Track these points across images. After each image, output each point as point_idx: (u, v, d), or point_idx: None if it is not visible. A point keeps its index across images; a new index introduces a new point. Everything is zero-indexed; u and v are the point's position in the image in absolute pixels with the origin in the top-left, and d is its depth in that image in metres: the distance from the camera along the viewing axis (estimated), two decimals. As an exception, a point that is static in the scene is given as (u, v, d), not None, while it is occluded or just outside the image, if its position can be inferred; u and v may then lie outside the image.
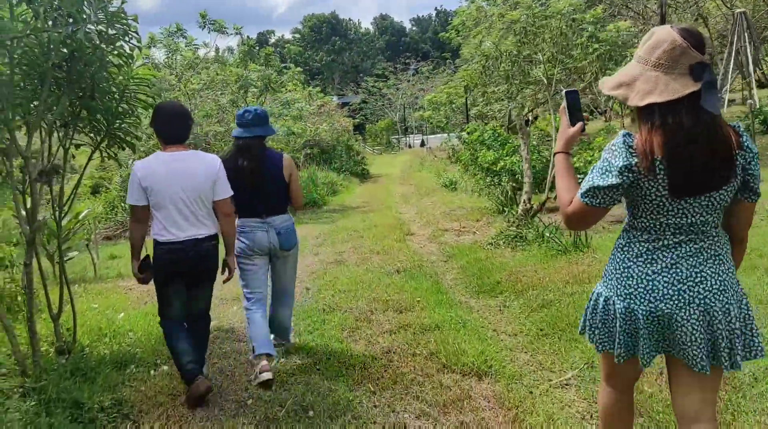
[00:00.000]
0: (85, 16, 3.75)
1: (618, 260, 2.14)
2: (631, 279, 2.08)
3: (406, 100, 46.21)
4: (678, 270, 2.02)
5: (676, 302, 2.01)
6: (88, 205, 17.71)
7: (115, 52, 4.34)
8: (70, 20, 3.71)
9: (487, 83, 8.39)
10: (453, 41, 23.95)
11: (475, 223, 9.81)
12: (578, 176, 2.16)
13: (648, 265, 2.05)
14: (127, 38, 4.25)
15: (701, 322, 2.01)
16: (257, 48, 15.70)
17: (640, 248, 2.07)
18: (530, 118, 23.02)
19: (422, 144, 40.78)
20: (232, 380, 4.03)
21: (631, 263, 2.09)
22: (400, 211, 13.64)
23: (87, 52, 4.05)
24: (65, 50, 3.91)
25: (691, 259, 2.02)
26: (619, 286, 2.11)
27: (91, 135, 4.79)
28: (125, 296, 6.84)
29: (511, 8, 13.88)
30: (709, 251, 2.03)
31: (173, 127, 3.76)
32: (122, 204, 16.70)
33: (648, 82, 1.94)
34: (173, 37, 13.87)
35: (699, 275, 2.01)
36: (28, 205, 4.19)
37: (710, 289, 2.02)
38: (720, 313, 2.02)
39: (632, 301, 2.07)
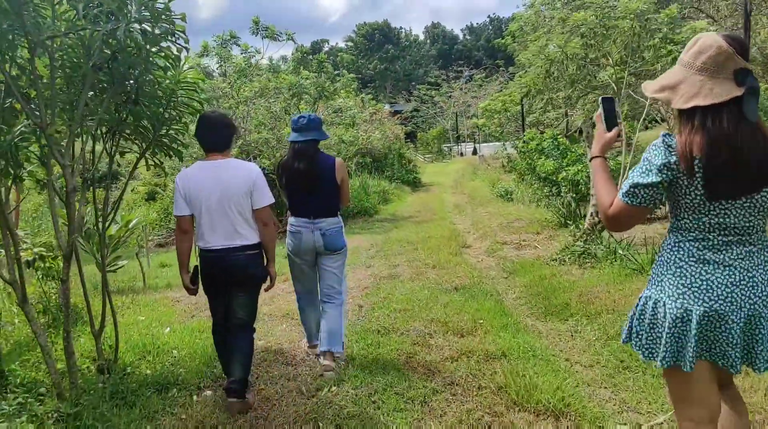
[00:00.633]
0: (127, 13, 3.48)
1: (668, 261, 2.13)
2: (684, 278, 2.06)
3: (458, 108, 45.65)
4: (731, 271, 2.02)
5: (730, 303, 2.01)
6: (142, 212, 17.93)
7: (162, 54, 4.08)
8: (112, 18, 3.45)
9: (550, 88, 7.88)
10: (509, 47, 23.45)
11: (536, 236, 9.28)
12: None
13: (701, 265, 2.05)
14: (173, 38, 3.98)
15: (745, 327, 2.03)
16: (310, 55, 15.53)
17: (690, 247, 2.07)
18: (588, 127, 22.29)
19: (474, 152, 40.13)
20: (279, 410, 3.67)
21: (683, 263, 2.08)
22: (454, 222, 13.17)
23: (131, 52, 3.80)
24: (107, 51, 3.65)
25: (743, 262, 2.02)
26: (671, 287, 2.09)
27: (138, 142, 4.57)
28: (172, 309, 6.61)
29: (573, 10, 13.28)
30: (759, 256, 2.05)
31: (213, 136, 3.76)
32: (175, 211, 16.78)
33: (693, 86, 1.98)
34: (226, 45, 13.77)
35: (751, 280, 2.02)
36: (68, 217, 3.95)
37: (760, 295, 2.02)
38: (765, 319, 2.03)
39: (686, 301, 2.05)
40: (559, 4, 16.12)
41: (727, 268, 2.02)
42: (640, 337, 2.20)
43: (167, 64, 4.07)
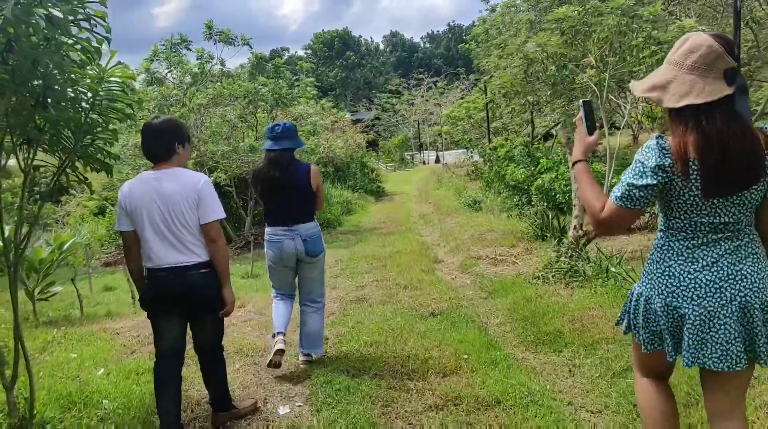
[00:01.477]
0: (20, -10, 2.74)
1: (658, 259, 2.16)
2: (672, 277, 2.10)
3: (420, 116, 45.27)
4: (719, 267, 2.05)
5: (718, 300, 2.04)
6: (90, 228, 16.85)
7: (78, 47, 3.33)
8: (-1, -5, 2.70)
9: (528, 90, 7.28)
10: (472, 53, 23.03)
11: (512, 249, 8.68)
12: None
13: (689, 264, 2.08)
14: (90, 26, 3.24)
15: (741, 320, 2.04)
16: (267, 62, 14.73)
17: (680, 246, 2.10)
18: (554, 132, 22.00)
19: (437, 160, 39.75)
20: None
21: (672, 262, 2.11)
22: (421, 234, 12.53)
23: (36, 43, 3.05)
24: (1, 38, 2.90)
25: (731, 257, 2.05)
26: (660, 285, 2.12)
27: (59, 154, 3.79)
28: (111, 343, 5.79)
29: (542, 12, 12.77)
30: (746, 249, 2.07)
31: (154, 144, 3.43)
32: (125, 226, 15.77)
33: (684, 85, 1.99)
34: (176, 49, 12.91)
35: (739, 273, 2.04)
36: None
37: (750, 286, 2.04)
38: (758, 309, 2.04)
39: (674, 299, 2.09)
40: (525, 7, 15.73)
41: (715, 265, 2.05)
42: (638, 330, 2.24)
43: (83, 58, 3.32)
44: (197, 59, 13.82)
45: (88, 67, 3.52)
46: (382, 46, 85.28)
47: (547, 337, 4.80)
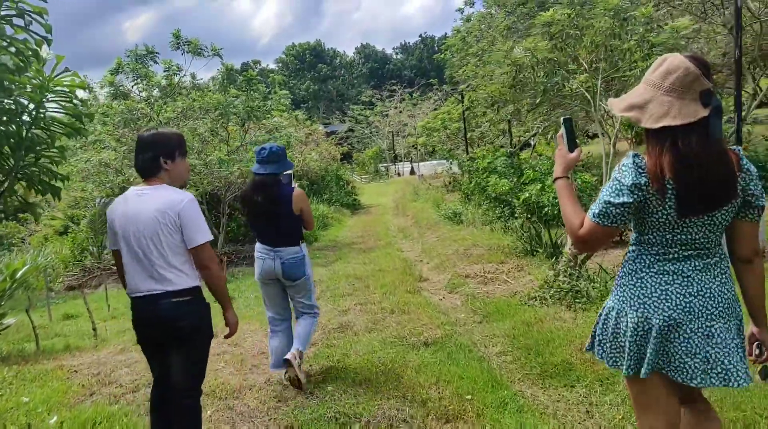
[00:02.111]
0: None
1: (629, 271, 2.20)
2: (644, 288, 2.13)
3: (393, 128, 44.97)
4: (689, 282, 2.10)
5: (687, 313, 2.08)
6: (54, 249, 16.05)
7: (13, 49, 2.80)
8: None
9: (516, 99, 6.86)
10: (447, 62, 22.70)
11: (501, 266, 8.24)
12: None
13: (660, 276, 2.12)
14: (25, 25, 2.72)
15: (704, 337, 2.09)
16: (238, 73, 14.18)
17: (651, 259, 2.14)
18: (532, 141, 21.75)
19: (412, 171, 39.43)
20: None
21: (644, 274, 2.15)
22: (401, 249, 12.06)
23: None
24: None
25: (701, 274, 2.10)
26: (632, 297, 2.15)
27: (-2, 175, 3.25)
28: (67, 383, 5.19)
29: (520, 18, 12.40)
30: (716, 269, 2.13)
31: (138, 159, 3.12)
32: (91, 247, 15.00)
33: (662, 106, 2.04)
34: (142, 61, 12.31)
35: (708, 291, 2.10)
36: None
37: (716, 306, 2.10)
38: (721, 331, 2.10)
39: (646, 310, 2.11)
40: (502, 15, 15.43)
41: (686, 279, 2.10)
42: (603, 346, 2.27)
43: (18, 62, 2.78)
44: (165, 71, 13.24)
45: (28, 74, 2.99)
46: (354, 58, 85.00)
47: (556, 370, 4.33)
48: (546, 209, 9.22)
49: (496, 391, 3.98)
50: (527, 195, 9.72)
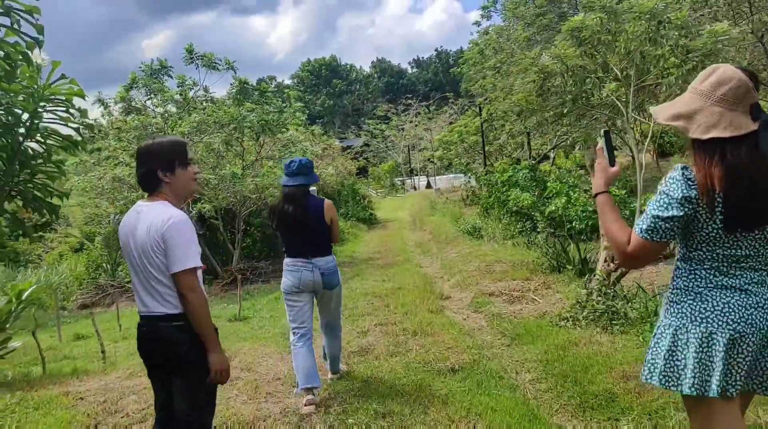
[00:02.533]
0: None
1: (685, 287, 2.10)
2: (705, 303, 2.04)
3: (409, 141, 44.72)
4: (748, 295, 2.02)
5: (750, 325, 2.00)
6: (70, 266, 15.88)
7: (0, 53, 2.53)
8: None
9: (544, 107, 6.53)
10: (465, 76, 22.44)
11: (527, 283, 7.87)
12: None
13: (719, 290, 2.04)
14: (13, 24, 2.45)
15: (763, 349, 2.04)
16: (254, 88, 13.97)
17: (705, 274, 2.06)
18: (552, 154, 21.36)
19: (428, 185, 39.11)
20: None
21: (702, 289, 2.06)
22: (421, 265, 11.72)
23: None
24: None
25: (758, 288, 2.02)
26: (693, 312, 2.05)
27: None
28: (72, 412, 4.90)
29: (540, 29, 12.09)
30: None
31: (137, 173, 2.88)
32: (105, 264, 14.81)
33: (711, 117, 1.97)
34: (156, 75, 12.15)
35: (766, 303, 2.02)
36: None
37: None
38: None
39: (710, 325, 2.02)
40: (521, 26, 15.13)
41: (743, 292, 2.02)
42: (655, 364, 2.11)
43: (6, 67, 2.51)
44: (179, 86, 13.08)
45: (18, 80, 2.72)
46: (369, 71, 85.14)
47: (597, 401, 3.96)
48: (573, 223, 8.86)
49: (534, 425, 3.62)
50: (552, 208, 9.37)
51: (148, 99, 12.41)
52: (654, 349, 2.14)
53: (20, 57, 2.51)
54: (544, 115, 6.53)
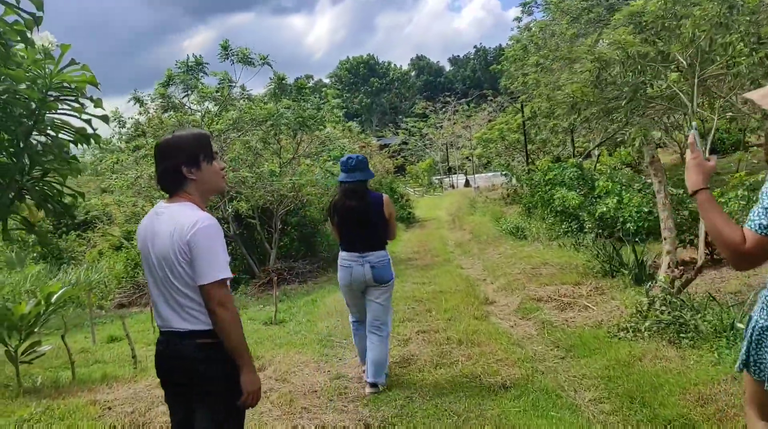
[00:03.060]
0: None
1: None
2: None
3: (447, 139, 44.16)
4: None
5: None
6: (107, 264, 15.89)
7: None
8: None
9: (602, 98, 6.02)
10: (506, 74, 21.90)
11: (577, 288, 7.37)
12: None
13: None
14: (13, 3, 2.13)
15: None
16: (287, 82, 13.70)
17: None
18: (597, 151, 20.64)
19: (467, 184, 38.52)
20: None
21: None
22: (462, 266, 11.28)
23: None
24: None
25: None
26: None
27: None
28: (98, 423, 4.64)
29: (587, 24, 11.50)
30: None
31: (157, 172, 2.53)
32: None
33: None
34: (192, 72, 11.98)
35: None
36: None
37: None
38: None
39: None
40: (566, 21, 14.55)
41: None
42: (760, 365, 2.06)
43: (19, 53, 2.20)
44: (219, 83, 12.88)
45: (24, 66, 2.41)
46: (407, 69, 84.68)
47: (671, 427, 3.51)
48: (628, 225, 8.32)
49: (602, 457, 3.19)
50: (604, 209, 8.84)
51: (185, 96, 12.24)
52: (756, 344, 2.07)
53: (18, 38, 2.20)
54: (600, 107, 6.04)
